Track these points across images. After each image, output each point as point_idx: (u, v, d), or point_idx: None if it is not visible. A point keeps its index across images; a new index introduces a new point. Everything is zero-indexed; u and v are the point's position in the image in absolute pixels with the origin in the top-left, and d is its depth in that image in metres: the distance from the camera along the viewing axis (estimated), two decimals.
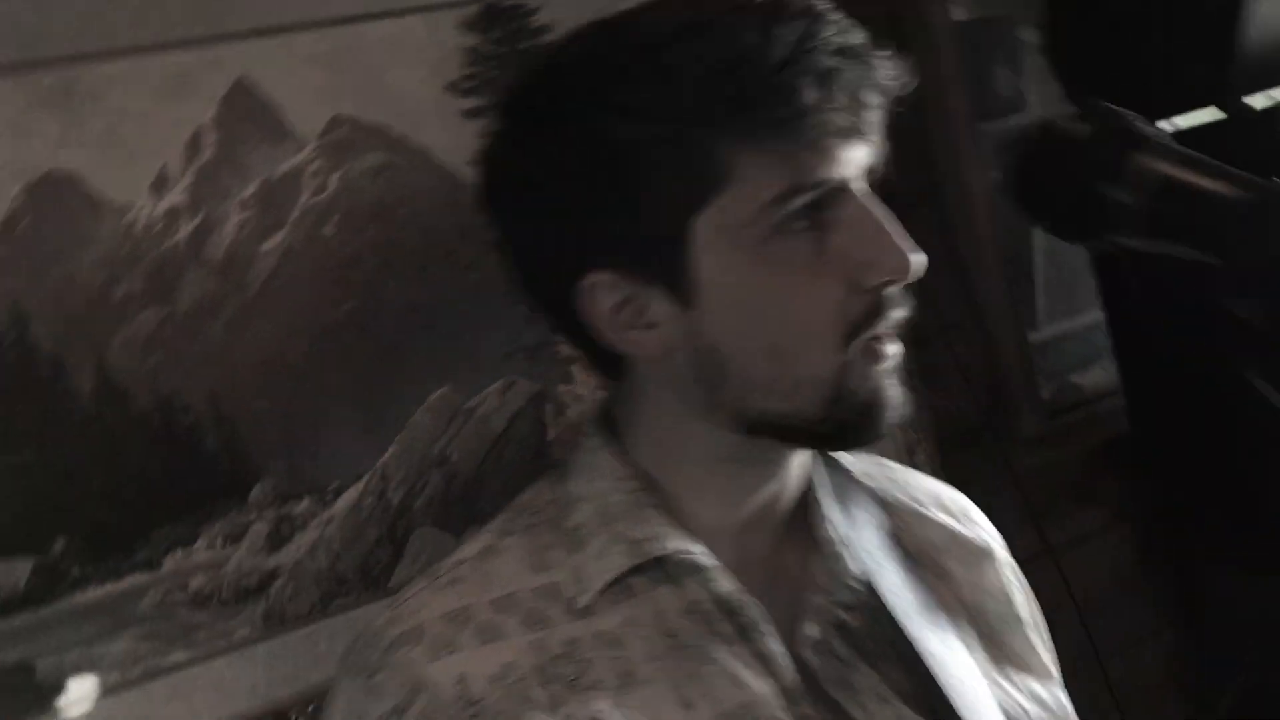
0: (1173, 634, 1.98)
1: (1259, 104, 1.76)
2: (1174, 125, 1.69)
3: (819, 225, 0.91)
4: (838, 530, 1.00)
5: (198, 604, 1.28)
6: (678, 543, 0.95)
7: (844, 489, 1.04)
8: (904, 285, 0.93)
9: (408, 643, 0.92)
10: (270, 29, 1.34)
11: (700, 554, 0.95)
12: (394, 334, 1.39)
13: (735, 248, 0.91)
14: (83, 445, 1.24)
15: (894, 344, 0.94)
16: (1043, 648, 1.09)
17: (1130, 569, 1.98)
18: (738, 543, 0.98)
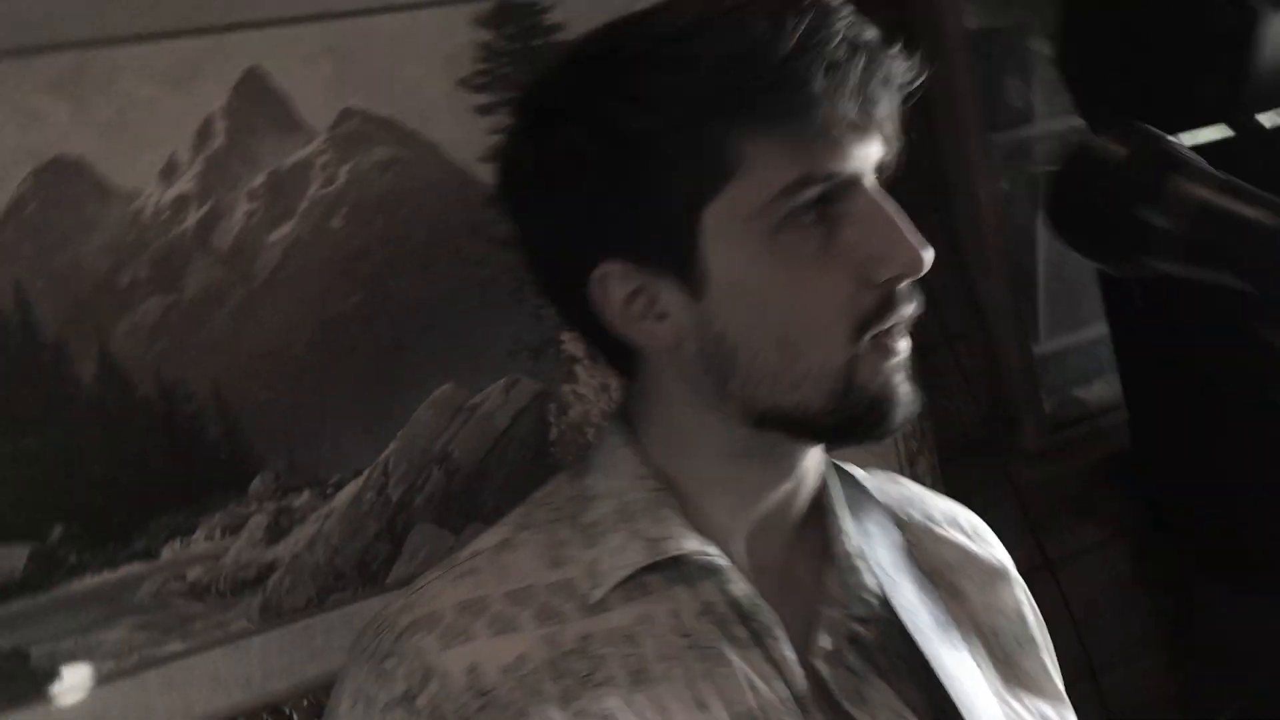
0: (1169, 650, 1.97)
1: (1269, 122, 1.76)
2: (1182, 142, 1.69)
3: (829, 218, 0.92)
4: (853, 543, 1.00)
5: (195, 595, 1.27)
6: (694, 543, 0.95)
7: (858, 503, 1.04)
8: (913, 281, 0.93)
9: (420, 630, 0.91)
10: (283, 19, 1.34)
11: (716, 556, 0.95)
12: (399, 328, 1.39)
13: (746, 238, 0.91)
14: (84, 432, 1.23)
15: (904, 339, 0.94)
16: (1054, 670, 1.09)
17: (1128, 584, 1.98)
18: (751, 546, 0.98)
